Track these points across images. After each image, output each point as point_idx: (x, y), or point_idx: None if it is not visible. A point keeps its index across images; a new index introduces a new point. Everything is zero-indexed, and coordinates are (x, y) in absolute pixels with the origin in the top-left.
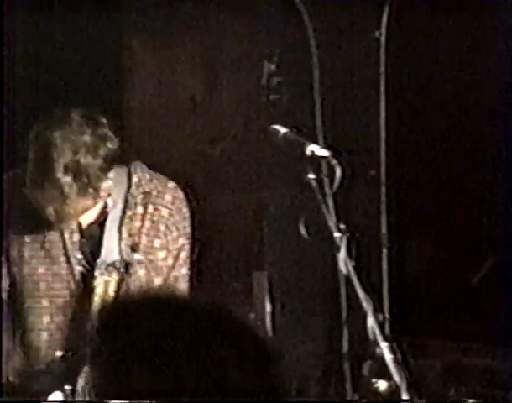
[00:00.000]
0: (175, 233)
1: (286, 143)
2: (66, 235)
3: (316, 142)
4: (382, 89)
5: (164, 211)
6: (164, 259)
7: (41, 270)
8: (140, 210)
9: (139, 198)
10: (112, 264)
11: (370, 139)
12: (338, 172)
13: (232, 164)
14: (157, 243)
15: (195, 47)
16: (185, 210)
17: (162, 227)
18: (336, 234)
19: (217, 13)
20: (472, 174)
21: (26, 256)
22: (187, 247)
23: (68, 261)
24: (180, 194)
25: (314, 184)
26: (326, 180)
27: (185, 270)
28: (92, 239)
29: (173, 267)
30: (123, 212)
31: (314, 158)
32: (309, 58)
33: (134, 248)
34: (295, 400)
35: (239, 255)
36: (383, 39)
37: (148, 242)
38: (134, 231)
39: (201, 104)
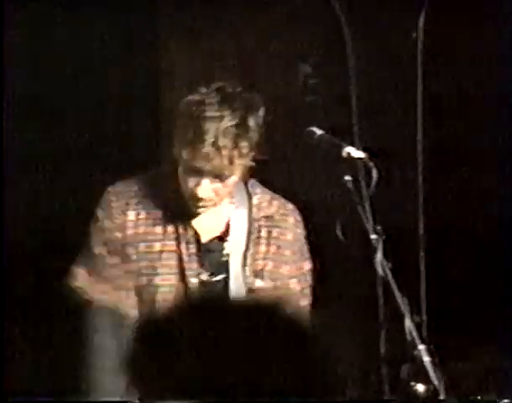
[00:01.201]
0: (301, 259)
1: (323, 145)
2: (183, 245)
3: (352, 144)
4: (419, 90)
5: (290, 236)
6: (293, 287)
7: (157, 281)
8: (264, 234)
9: (262, 221)
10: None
11: (407, 141)
12: (375, 174)
13: (268, 166)
14: (285, 269)
15: (232, 48)
16: (305, 233)
17: (287, 252)
18: (373, 236)
19: (254, 13)
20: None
21: (142, 266)
22: (310, 272)
23: (183, 272)
24: (299, 216)
25: (350, 186)
26: (362, 182)
27: (308, 301)
28: (212, 255)
29: (300, 296)
30: (248, 237)
31: (350, 160)
32: (345, 59)
33: (258, 274)
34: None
35: None
36: (420, 40)
37: (274, 267)
38: (259, 256)
39: None
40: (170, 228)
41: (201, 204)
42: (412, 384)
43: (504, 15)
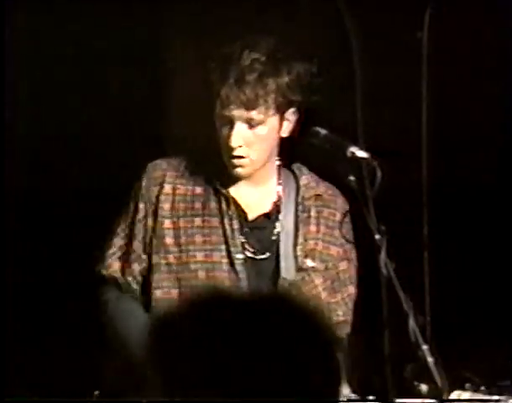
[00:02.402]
0: (349, 242)
1: (327, 145)
2: (226, 221)
3: (356, 143)
4: (424, 90)
5: (339, 216)
6: (345, 270)
7: (199, 258)
8: (314, 213)
9: (312, 201)
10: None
11: (411, 141)
12: (379, 174)
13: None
14: (334, 250)
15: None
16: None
17: (336, 233)
18: (377, 236)
19: (258, 12)
20: None
21: (182, 242)
22: (356, 259)
23: (228, 249)
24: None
25: (354, 185)
26: (366, 182)
27: (354, 289)
28: (260, 232)
29: (350, 281)
30: (296, 216)
31: (354, 159)
32: (350, 58)
33: (308, 253)
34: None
35: None
36: (425, 39)
37: (323, 248)
38: (310, 236)
39: None
40: (213, 204)
41: (236, 161)
42: (416, 383)
43: (509, 14)
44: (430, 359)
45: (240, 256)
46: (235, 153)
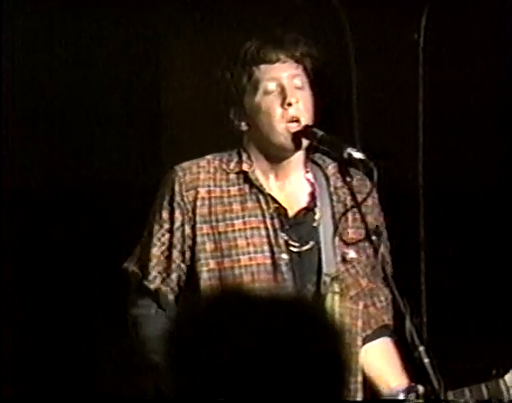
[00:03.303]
0: (381, 226)
1: (324, 146)
2: (268, 221)
3: (353, 144)
4: (420, 91)
5: (370, 201)
6: (382, 253)
7: (244, 262)
8: (349, 202)
9: (345, 189)
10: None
11: (408, 142)
12: (375, 175)
13: None
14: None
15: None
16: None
17: (369, 218)
18: (374, 237)
19: (254, 14)
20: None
21: (224, 247)
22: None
23: (272, 250)
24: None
25: (351, 186)
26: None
27: (390, 268)
28: (301, 226)
29: (386, 262)
30: (332, 206)
31: (351, 160)
32: (346, 59)
33: (349, 243)
34: None
35: None
36: (421, 41)
37: (359, 235)
38: (348, 224)
39: None
40: (251, 204)
41: (292, 127)
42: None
43: (506, 16)
44: (426, 360)
45: (285, 256)
46: (291, 113)
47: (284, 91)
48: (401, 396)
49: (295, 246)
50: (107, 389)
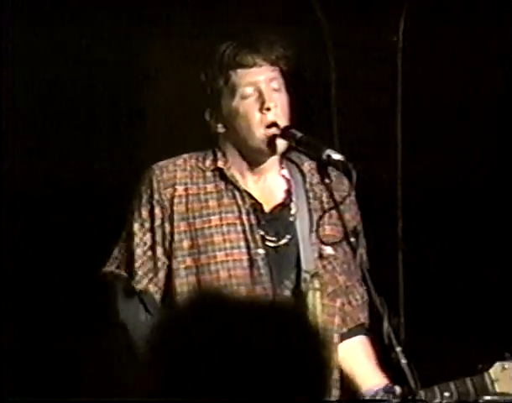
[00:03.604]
0: (358, 226)
1: (303, 147)
2: (244, 216)
3: (332, 146)
4: (399, 93)
5: (348, 200)
6: (355, 256)
7: (220, 258)
8: (325, 198)
9: (321, 186)
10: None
11: (386, 143)
12: (354, 176)
13: None
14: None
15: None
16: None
17: (347, 216)
18: (352, 239)
19: (231, 14)
20: (490, 177)
21: (200, 243)
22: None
23: (248, 245)
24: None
25: (330, 188)
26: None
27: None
28: (278, 222)
29: (360, 265)
30: (308, 203)
31: (330, 162)
32: (325, 60)
33: (325, 240)
34: None
35: None
36: (400, 43)
37: (337, 233)
38: (324, 221)
39: None
40: (227, 200)
41: (270, 131)
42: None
43: (487, 18)
44: (403, 361)
45: (261, 251)
46: (269, 119)
47: (263, 96)
48: (378, 396)
49: (271, 241)
50: (97, 388)
